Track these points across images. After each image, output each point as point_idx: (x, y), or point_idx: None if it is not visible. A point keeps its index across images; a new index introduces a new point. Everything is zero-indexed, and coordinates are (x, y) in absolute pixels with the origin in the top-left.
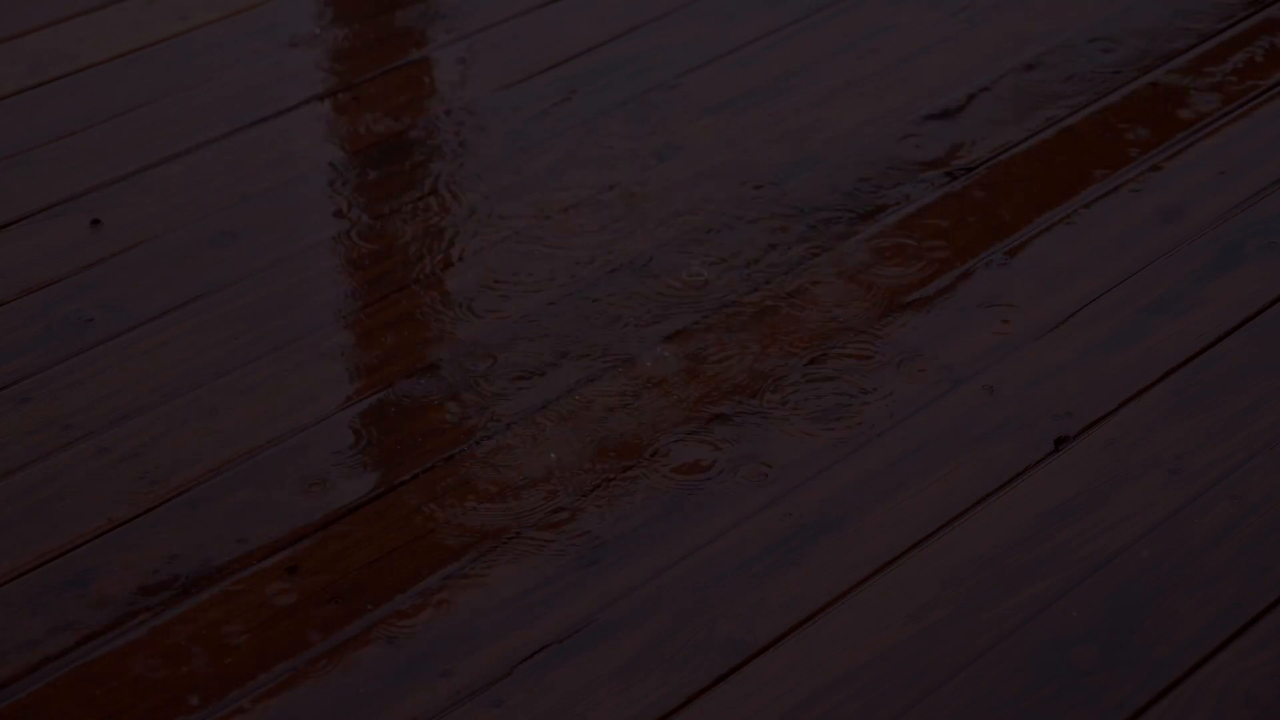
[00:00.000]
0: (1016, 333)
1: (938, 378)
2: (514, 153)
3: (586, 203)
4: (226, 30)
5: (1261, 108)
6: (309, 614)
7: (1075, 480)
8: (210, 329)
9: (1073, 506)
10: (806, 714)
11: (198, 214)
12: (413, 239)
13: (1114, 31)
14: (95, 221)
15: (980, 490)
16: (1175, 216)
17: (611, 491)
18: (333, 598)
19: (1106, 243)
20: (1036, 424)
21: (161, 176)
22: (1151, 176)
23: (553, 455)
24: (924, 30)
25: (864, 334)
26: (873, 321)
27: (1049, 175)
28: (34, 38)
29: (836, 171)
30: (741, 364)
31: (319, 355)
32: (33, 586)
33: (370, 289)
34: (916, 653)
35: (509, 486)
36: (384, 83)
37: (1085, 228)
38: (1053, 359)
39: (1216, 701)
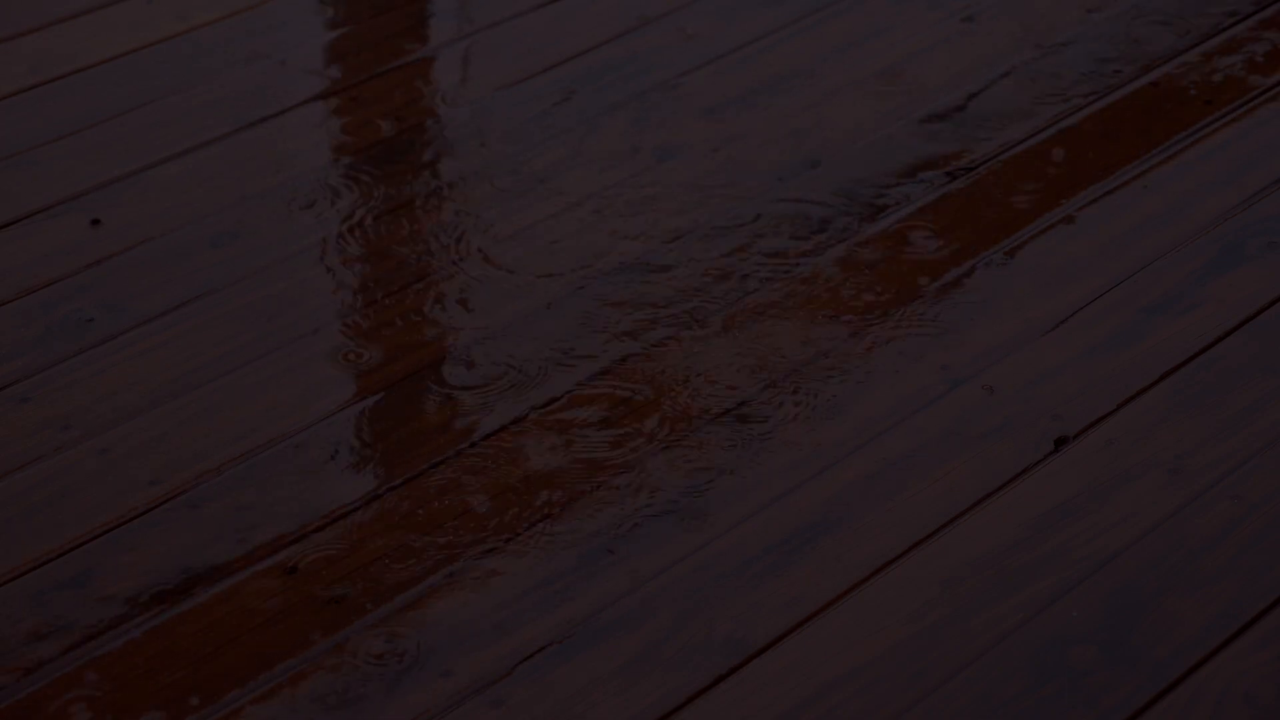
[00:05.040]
0: (1016, 333)
1: (937, 378)
2: (514, 153)
3: (586, 203)
4: (226, 30)
5: (1261, 108)
6: (309, 614)
7: (1075, 480)
8: (210, 329)
9: (1073, 506)
10: (806, 714)
11: (198, 214)
12: (412, 239)
13: (1114, 31)
14: (95, 221)
15: (980, 490)
16: (1175, 216)
17: (611, 491)
18: (333, 598)
19: (1106, 243)
20: (1036, 424)
21: (161, 176)
22: (1151, 176)
23: (553, 455)
24: (924, 30)
25: (864, 334)
26: (873, 321)
27: (1048, 175)
28: (34, 38)
29: (836, 171)
30: (741, 364)
31: (319, 355)
32: (33, 586)
33: (370, 289)
34: (916, 653)
35: (509, 486)
36: (384, 83)
37: (1085, 228)
38: (1053, 359)
39: (1216, 701)
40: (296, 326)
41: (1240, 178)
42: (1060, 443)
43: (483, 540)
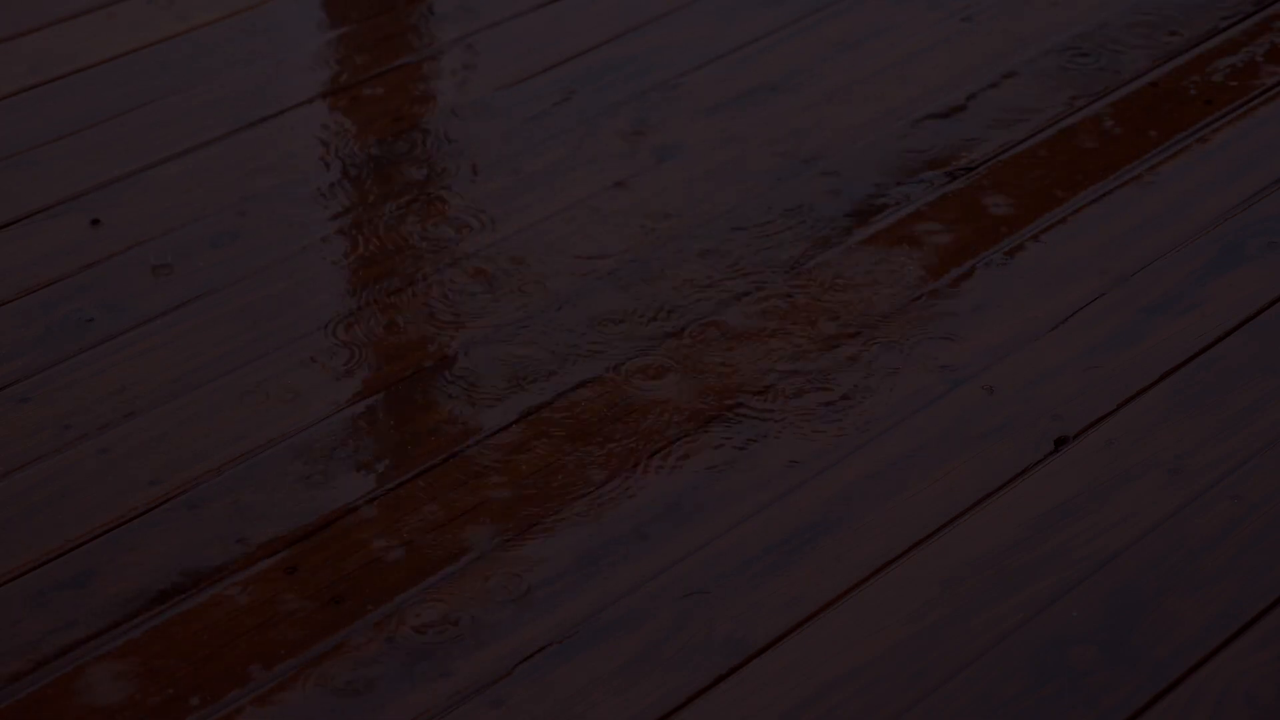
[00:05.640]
0: (1016, 333)
1: (938, 378)
2: (514, 153)
3: (586, 203)
4: (226, 30)
5: (1261, 108)
6: (309, 614)
7: (1075, 480)
8: (210, 329)
9: (1073, 506)
10: (806, 714)
11: (198, 214)
12: (412, 239)
13: (1113, 31)
14: (95, 221)
15: (980, 490)
16: (1175, 216)
17: (612, 491)
18: (333, 598)
19: (1106, 243)
20: (1036, 424)
21: (161, 176)
22: (1151, 176)
23: (552, 455)
24: (924, 30)
25: (863, 334)
26: (872, 321)
27: (1049, 175)
28: (34, 38)
29: (836, 171)
30: (741, 364)
31: (319, 355)
32: (33, 586)
33: (370, 289)
34: (916, 653)
35: (508, 486)
36: (384, 83)
37: (1085, 228)
38: (1053, 359)
39: (1216, 701)
40: (296, 326)
41: (1240, 178)
42: (1060, 443)
43: (482, 540)
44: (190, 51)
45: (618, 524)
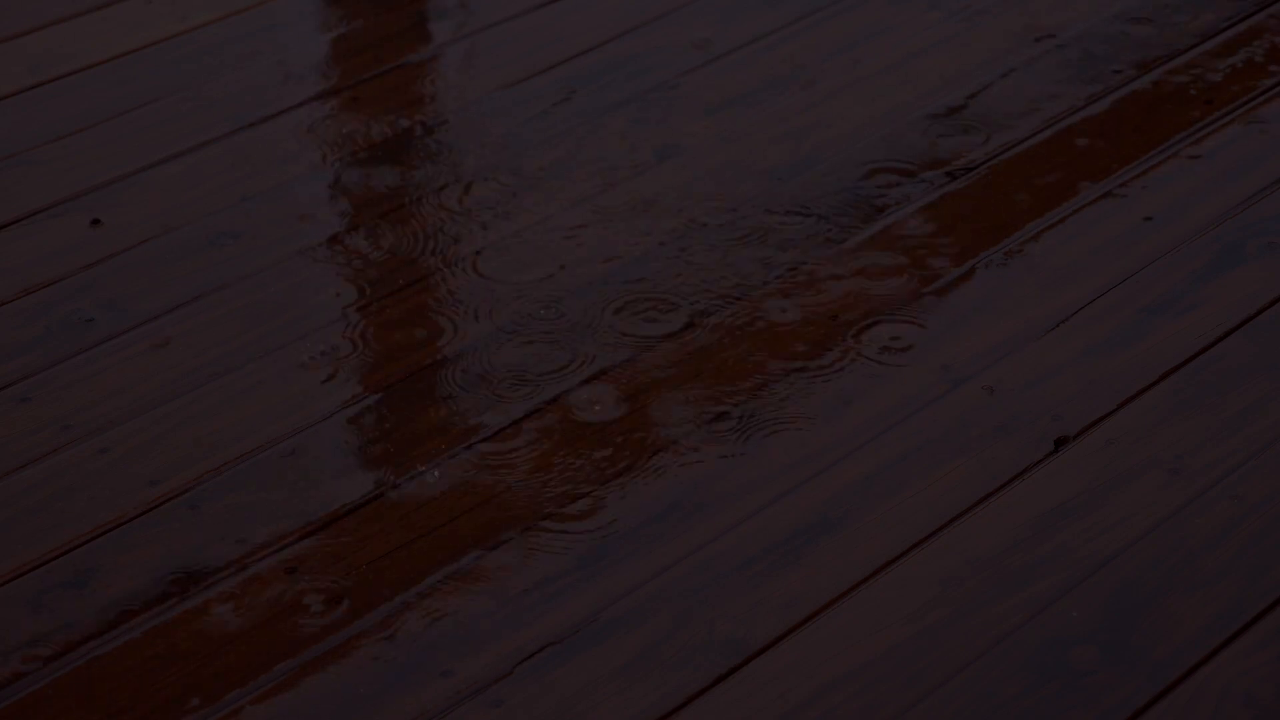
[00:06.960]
0: (1016, 333)
1: (938, 378)
2: (514, 153)
3: (586, 203)
4: (226, 30)
5: (1262, 108)
6: (309, 614)
7: (1075, 480)
8: (210, 329)
9: (1073, 506)
10: (806, 714)
11: (198, 214)
12: (412, 239)
13: (1114, 31)
14: (95, 221)
15: (980, 490)
16: (1175, 216)
17: (612, 491)
18: (333, 598)
19: (1106, 243)
20: (1036, 424)
21: (161, 176)
22: (1151, 176)
23: (552, 455)
24: (924, 30)
25: (863, 334)
26: (873, 321)
27: (1049, 175)
28: (34, 38)
29: (836, 171)
30: (740, 364)
31: (319, 355)
32: (33, 586)
33: (370, 289)
34: (916, 653)
35: (509, 487)
36: (384, 83)
37: (1085, 228)
38: (1053, 359)
39: (1216, 701)
40: (296, 326)
41: (1240, 178)
42: (1060, 443)
43: (482, 540)
44: (190, 51)
45: (618, 523)
